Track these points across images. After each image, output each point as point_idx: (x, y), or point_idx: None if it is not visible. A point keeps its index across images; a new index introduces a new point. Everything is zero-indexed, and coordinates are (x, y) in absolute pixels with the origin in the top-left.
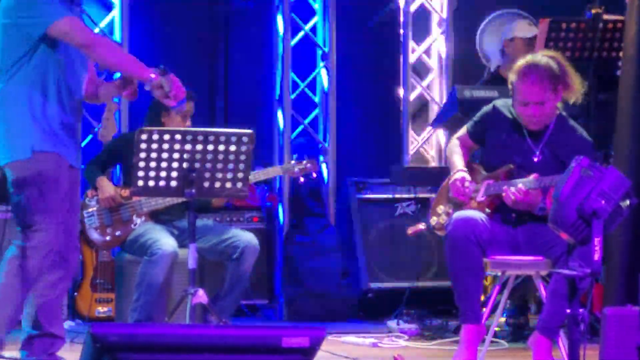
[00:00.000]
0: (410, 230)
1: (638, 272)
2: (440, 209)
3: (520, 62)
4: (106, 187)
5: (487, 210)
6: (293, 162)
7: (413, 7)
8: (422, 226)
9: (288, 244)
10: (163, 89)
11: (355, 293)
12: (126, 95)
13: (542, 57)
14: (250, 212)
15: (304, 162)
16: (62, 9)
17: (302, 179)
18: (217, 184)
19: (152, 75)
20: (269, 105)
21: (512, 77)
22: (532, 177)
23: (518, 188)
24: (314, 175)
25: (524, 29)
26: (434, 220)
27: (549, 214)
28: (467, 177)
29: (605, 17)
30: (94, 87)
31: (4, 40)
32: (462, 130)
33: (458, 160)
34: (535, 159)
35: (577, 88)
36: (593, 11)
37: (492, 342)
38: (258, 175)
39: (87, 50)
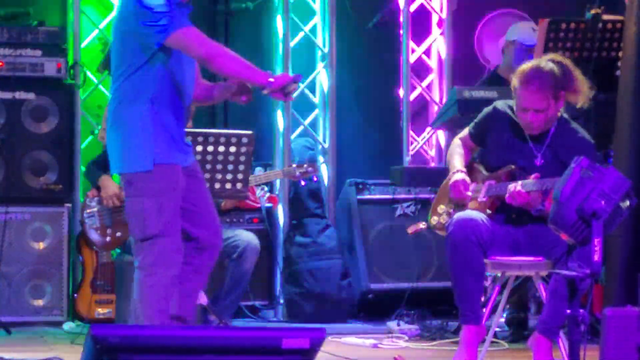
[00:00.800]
0: (410, 230)
1: (638, 272)
2: (441, 208)
3: (524, 67)
4: (109, 185)
5: (488, 211)
6: (294, 165)
7: (412, 8)
8: (422, 225)
9: (288, 244)
10: (283, 91)
11: (355, 294)
12: (243, 101)
13: (547, 62)
14: (250, 213)
15: (305, 165)
16: (181, 19)
17: (302, 183)
18: (217, 185)
19: (271, 80)
20: (269, 106)
21: (514, 81)
22: (532, 178)
23: (519, 190)
24: (315, 178)
25: (525, 34)
26: (434, 219)
27: (549, 214)
28: (467, 178)
29: (605, 17)
30: (199, 89)
31: (121, 46)
32: (464, 131)
33: (457, 161)
34: (538, 163)
35: (584, 93)
36: (592, 11)
37: (492, 342)
38: (259, 178)
39: (206, 62)
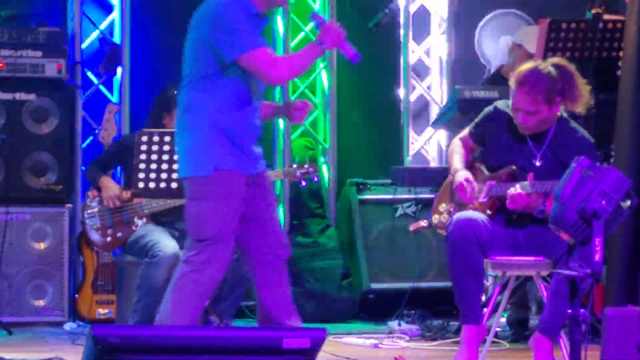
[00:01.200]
0: (412, 227)
1: (639, 272)
2: (442, 207)
3: (523, 66)
4: (110, 185)
5: (489, 211)
6: (295, 165)
7: (413, 8)
8: (423, 223)
9: (289, 244)
10: (339, 37)
11: (356, 294)
12: (296, 120)
13: (548, 66)
14: None
15: (306, 165)
16: (257, 39)
17: (303, 183)
18: None
19: (324, 46)
20: None
21: (511, 80)
22: (527, 181)
23: (519, 193)
24: (316, 179)
25: (531, 41)
26: (435, 218)
27: (550, 214)
28: (470, 176)
29: (605, 17)
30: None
31: (194, 52)
32: (464, 131)
33: (457, 161)
34: (537, 163)
35: (584, 101)
36: (593, 11)
37: (493, 342)
38: None
39: (271, 84)
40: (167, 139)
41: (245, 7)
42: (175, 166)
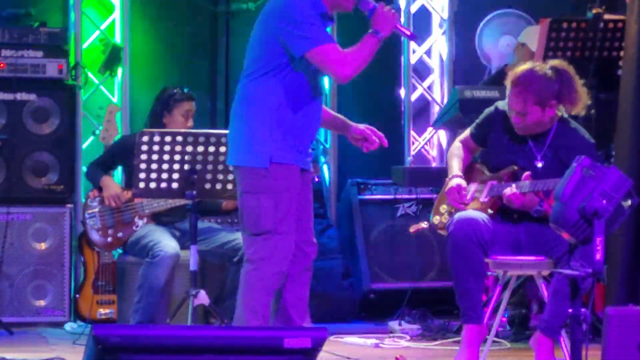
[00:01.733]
0: (412, 228)
1: (639, 271)
2: (443, 208)
3: (520, 67)
4: (111, 185)
5: (490, 211)
6: None
7: (414, 8)
8: (424, 224)
9: None
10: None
11: (357, 294)
12: (366, 147)
13: (545, 68)
14: None
15: None
16: (328, 35)
17: None
18: (218, 186)
19: (381, 35)
20: None
21: (507, 80)
22: (523, 178)
23: (514, 192)
24: (317, 179)
25: (534, 41)
26: (436, 219)
27: (551, 214)
28: (463, 183)
29: (606, 16)
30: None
31: (260, 45)
32: (465, 132)
33: (455, 165)
34: (539, 164)
35: (581, 103)
36: (594, 11)
37: (493, 342)
38: None
39: (338, 81)
40: (167, 139)
41: (315, 4)
42: (176, 166)
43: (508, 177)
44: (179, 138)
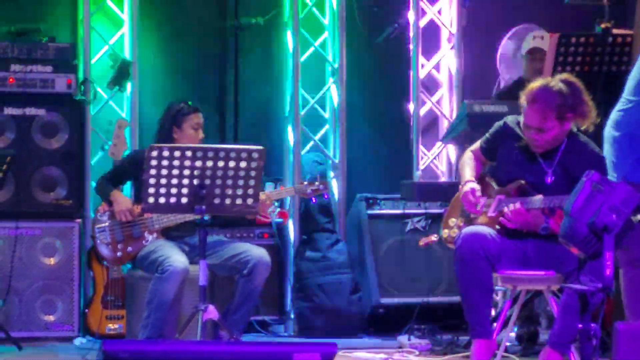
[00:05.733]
0: (422, 242)
1: None
2: (452, 221)
3: (533, 84)
4: (122, 199)
5: (497, 226)
6: (305, 182)
7: (422, 23)
8: (434, 238)
9: (298, 259)
10: None
11: (366, 308)
12: None
13: (558, 82)
14: (261, 228)
15: (317, 182)
16: None
17: (314, 200)
18: (228, 201)
19: None
20: (279, 121)
21: (522, 97)
22: (539, 196)
23: (518, 209)
24: (326, 196)
25: (532, 41)
26: (445, 232)
27: (560, 229)
28: (477, 187)
29: (615, 31)
30: None
31: None
32: (476, 145)
33: (467, 172)
34: (548, 180)
35: (591, 116)
36: (602, 26)
37: (503, 357)
38: (270, 195)
39: None
40: (177, 153)
41: None
42: (185, 181)
43: (515, 191)
44: (188, 153)
